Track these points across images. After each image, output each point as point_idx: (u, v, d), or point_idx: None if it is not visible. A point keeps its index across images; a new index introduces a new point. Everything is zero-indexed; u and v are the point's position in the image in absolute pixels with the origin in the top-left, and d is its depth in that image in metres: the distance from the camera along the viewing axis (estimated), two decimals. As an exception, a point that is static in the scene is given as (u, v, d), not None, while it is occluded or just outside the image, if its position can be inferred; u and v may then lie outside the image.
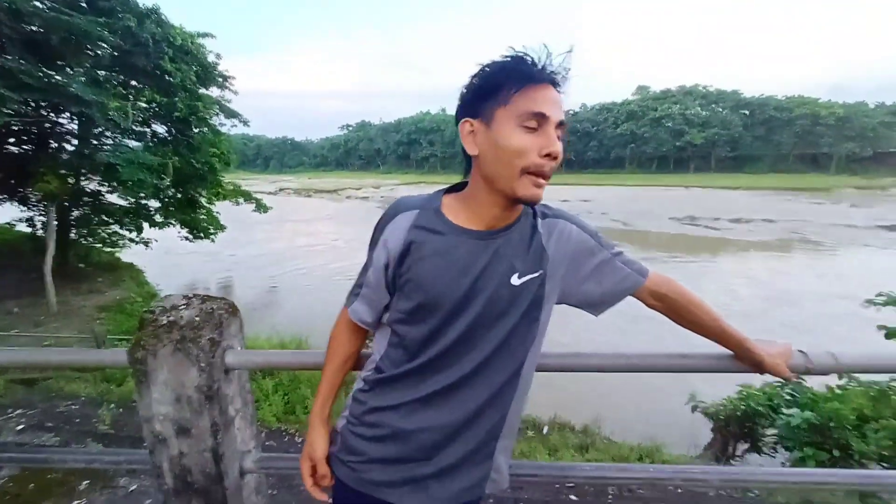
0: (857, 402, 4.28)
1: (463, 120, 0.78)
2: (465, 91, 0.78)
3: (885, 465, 4.19)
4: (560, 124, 0.74)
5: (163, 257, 14.96)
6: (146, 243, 13.66)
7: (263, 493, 1.09)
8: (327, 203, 41.29)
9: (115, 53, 10.27)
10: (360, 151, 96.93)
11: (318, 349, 0.97)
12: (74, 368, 6.20)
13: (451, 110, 0.83)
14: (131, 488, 2.38)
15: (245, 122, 15.41)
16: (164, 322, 0.90)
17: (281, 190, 52.44)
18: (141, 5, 10.57)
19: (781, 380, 4.55)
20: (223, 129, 14.25)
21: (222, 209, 14.54)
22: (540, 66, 0.74)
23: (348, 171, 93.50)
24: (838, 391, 4.57)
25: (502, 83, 0.74)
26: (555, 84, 0.74)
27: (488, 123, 0.75)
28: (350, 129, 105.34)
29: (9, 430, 3.84)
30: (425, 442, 0.80)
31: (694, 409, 5.26)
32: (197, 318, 0.91)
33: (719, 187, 50.74)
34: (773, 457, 5.08)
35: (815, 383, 4.74)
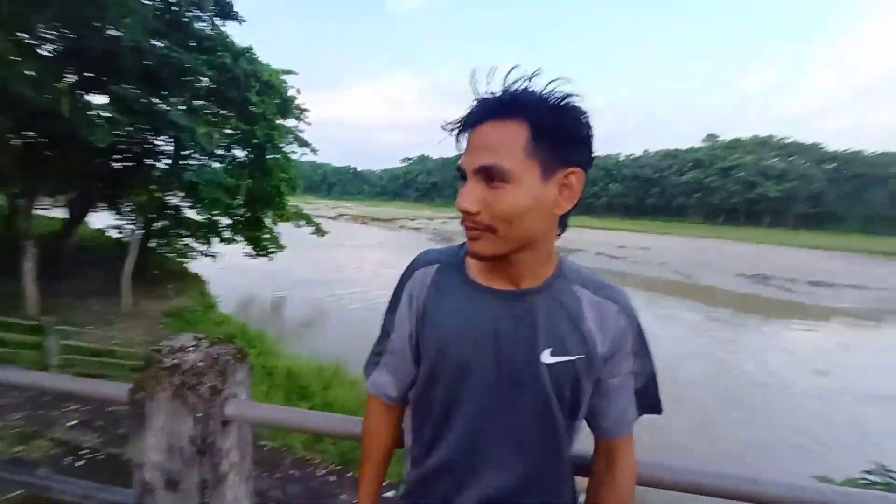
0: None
1: None
2: None
3: None
4: (481, 170, 0.61)
5: (226, 271, 16.02)
6: (213, 256, 14.75)
7: (253, 556, 1.00)
8: (382, 231, 42.77)
9: (212, 86, 11.57)
10: (417, 184, 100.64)
11: (327, 413, 0.89)
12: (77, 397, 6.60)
13: None
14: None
15: (314, 151, 16.57)
16: (168, 365, 0.87)
17: (340, 216, 55.15)
18: (237, 45, 11.91)
19: None
20: (294, 157, 15.38)
21: (284, 230, 15.44)
22: (474, 107, 0.64)
23: (405, 202, 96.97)
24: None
25: (458, 136, 0.66)
26: (491, 117, 0.62)
27: None
28: (410, 161, 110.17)
29: (60, 426, 4.08)
30: None
31: None
32: (201, 364, 0.86)
33: (797, 246, 46.56)
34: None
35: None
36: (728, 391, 9.62)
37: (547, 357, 0.66)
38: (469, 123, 0.64)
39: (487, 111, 0.62)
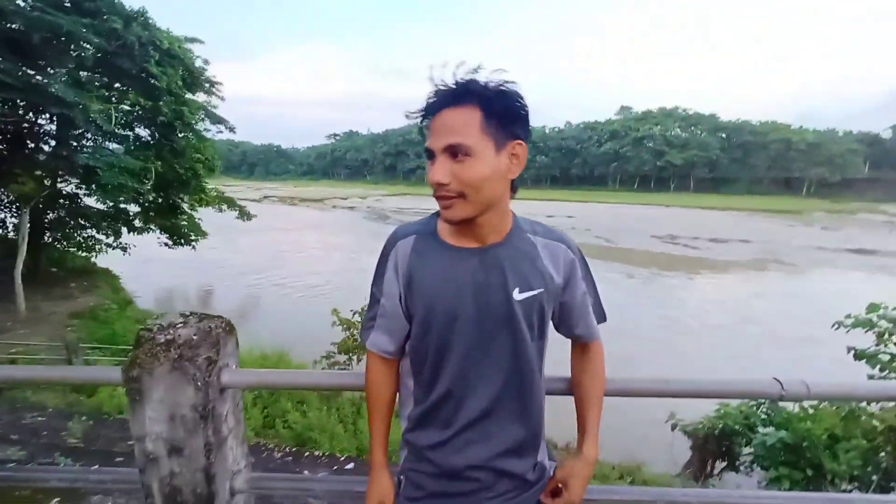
0: (828, 423, 4.41)
1: None
2: None
3: (856, 484, 4.31)
4: (448, 147, 0.74)
5: (141, 264, 14.58)
6: (124, 249, 13.31)
7: (252, 513, 1.08)
8: (313, 212, 40.98)
9: (100, 55, 10.13)
10: (346, 161, 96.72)
11: (315, 370, 0.98)
12: (66, 385, 5.94)
13: None
14: (105, 506, 2.30)
15: (231, 129, 15.29)
16: (162, 340, 0.90)
17: (265, 197, 51.88)
18: (128, 8, 10.47)
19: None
20: (208, 135, 14.12)
21: (205, 215, 14.30)
22: (432, 97, 0.77)
23: (335, 181, 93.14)
24: (811, 411, 4.69)
25: (421, 123, 0.80)
26: (449, 104, 0.75)
27: None
28: (337, 138, 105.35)
29: (-28, 443, 3.66)
30: (479, 477, 0.85)
31: (673, 427, 5.34)
32: (195, 337, 0.91)
33: (698, 207, 52.21)
34: (750, 476, 5.18)
35: (796, 405, 4.88)
36: (646, 335, 10.87)
37: (517, 295, 0.82)
38: (431, 111, 0.77)
39: (445, 100, 0.76)
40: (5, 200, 11.78)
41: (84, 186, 11.58)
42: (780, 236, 29.06)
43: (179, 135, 12.39)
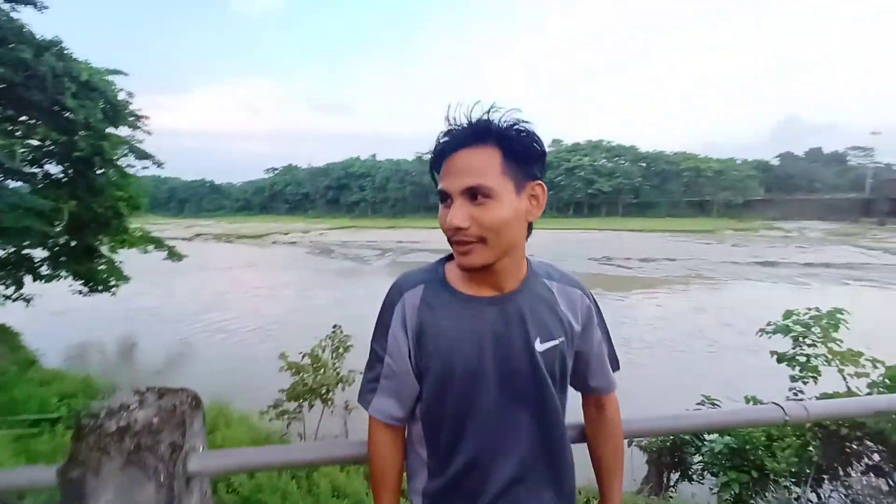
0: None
1: None
2: None
3: (793, 480, 4.63)
4: (467, 190, 0.71)
5: (48, 317, 12.86)
6: (27, 300, 11.67)
7: None
8: (251, 249, 38.87)
9: (4, 86, 9.15)
10: (286, 195, 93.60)
11: (307, 442, 0.86)
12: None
13: (382, 156, 0.83)
14: None
15: (159, 164, 14.29)
16: (113, 429, 0.74)
17: (198, 235, 48.51)
18: (40, 37, 9.63)
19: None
20: (133, 171, 13.07)
21: (128, 258, 13.02)
22: (446, 137, 0.74)
23: (274, 216, 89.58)
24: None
25: (433, 165, 0.77)
26: (467, 144, 0.72)
27: None
28: (276, 172, 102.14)
29: None
30: None
31: (629, 443, 5.48)
32: (155, 419, 0.76)
33: (627, 230, 56.28)
34: (702, 483, 5.40)
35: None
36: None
37: (539, 346, 0.77)
38: (446, 151, 0.73)
39: (462, 140, 0.72)
40: None
41: (-23, 231, 10.12)
42: (699, 253, 31.98)
43: (98, 171, 11.34)
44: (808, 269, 24.86)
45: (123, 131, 12.35)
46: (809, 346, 5.16)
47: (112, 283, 12.50)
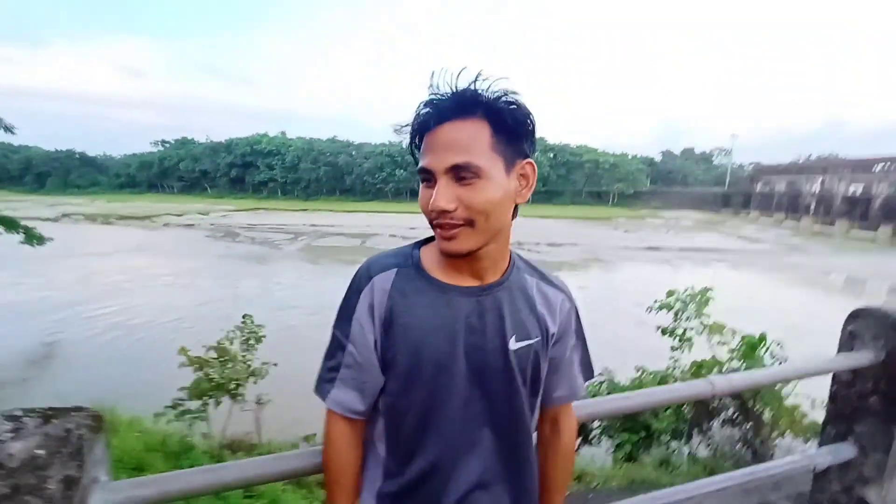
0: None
1: None
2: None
3: (671, 437, 5.42)
4: (453, 168, 0.64)
5: None
6: None
7: None
8: (137, 232, 34.10)
9: None
10: (180, 172, 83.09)
11: (241, 461, 0.77)
12: None
13: (293, 133, 0.72)
14: None
15: (8, 129, 11.80)
16: (-19, 468, 0.60)
17: (65, 216, 41.20)
18: None
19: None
20: (-31, 137, 10.63)
21: (-32, 243, 10.67)
22: (428, 109, 0.66)
23: (166, 195, 79.34)
24: (637, 382, 5.76)
25: (412, 139, 0.69)
26: (452, 117, 0.65)
27: None
28: (168, 145, 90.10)
29: None
30: None
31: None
32: (41, 451, 0.62)
33: (536, 216, 60.15)
34: (599, 446, 6.09)
35: (623, 378, 5.91)
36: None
37: (513, 343, 0.72)
38: (428, 124, 0.65)
39: (447, 111, 0.65)
40: None
41: None
42: (597, 239, 35.31)
43: (-82, 134, 9.04)
44: (682, 253, 28.87)
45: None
46: (686, 320, 6.03)
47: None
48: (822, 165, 53.26)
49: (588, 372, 0.86)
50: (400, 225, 38.18)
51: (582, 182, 77.62)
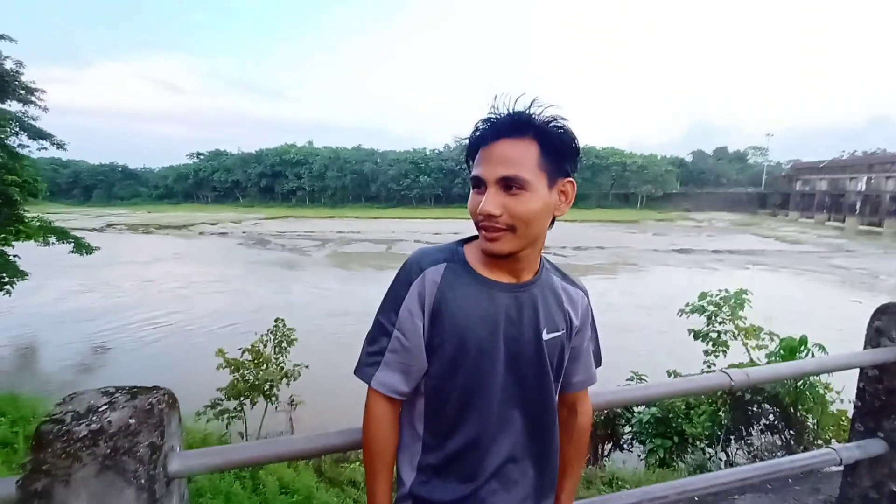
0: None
1: None
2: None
3: (707, 442, 5.23)
4: (503, 179, 0.73)
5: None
6: None
7: None
8: (176, 240, 35.73)
9: None
10: (214, 183, 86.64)
11: (289, 437, 0.85)
12: None
13: (319, 143, 0.82)
14: None
15: (59, 145, 12.70)
16: (84, 433, 0.69)
17: (109, 226, 43.62)
18: None
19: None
20: (26, 152, 11.49)
21: (25, 251, 11.45)
22: (486, 126, 0.76)
23: (200, 205, 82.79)
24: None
25: (469, 152, 0.80)
26: (506, 135, 0.74)
27: None
28: (202, 157, 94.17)
29: None
30: None
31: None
32: (132, 420, 0.71)
33: (563, 220, 59.34)
34: (631, 451, 5.94)
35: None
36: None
37: (546, 335, 0.82)
38: (485, 139, 0.75)
39: (503, 130, 0.74)
40: None
41: None
42: (625, 242, 34.53)
43: (-18, 152, 9.83)
44: (716, 256, 27.84)
45: (12, 107, 10.81)
46: (720, 323, 5.84)
47: (5, 280, 10.95)
48: (868, 162, 50.22)
49: (598, 361, 0.96)
50: (424, 231, 38.50)
51: (608, 184, 75.99)
